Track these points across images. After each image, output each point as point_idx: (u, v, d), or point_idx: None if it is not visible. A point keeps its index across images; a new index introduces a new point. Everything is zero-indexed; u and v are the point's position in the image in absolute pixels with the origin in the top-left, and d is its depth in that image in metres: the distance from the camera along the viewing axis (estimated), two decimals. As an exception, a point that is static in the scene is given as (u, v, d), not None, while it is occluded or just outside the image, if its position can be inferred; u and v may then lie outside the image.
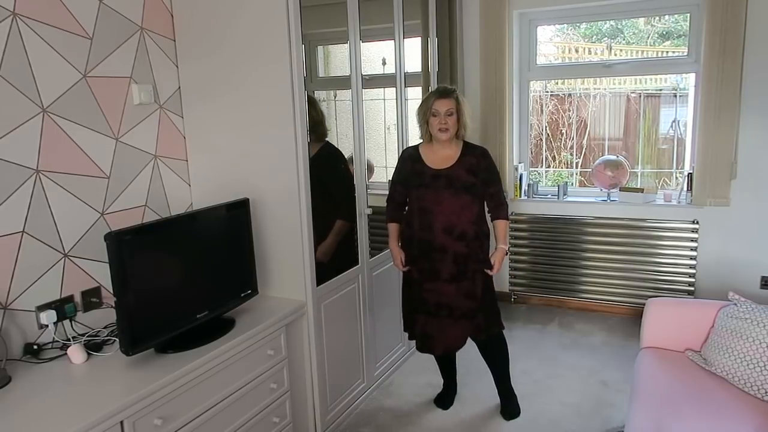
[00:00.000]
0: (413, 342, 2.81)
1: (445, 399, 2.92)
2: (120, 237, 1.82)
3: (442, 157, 2.60)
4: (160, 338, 1.97)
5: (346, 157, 2.82)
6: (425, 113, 2.58)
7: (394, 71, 3.17)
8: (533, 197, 4.18)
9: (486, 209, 2.66)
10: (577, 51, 4.37)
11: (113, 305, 1.97)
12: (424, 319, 2.66)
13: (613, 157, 4.00)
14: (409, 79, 3.29)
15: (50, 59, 2.06)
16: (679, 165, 4.02)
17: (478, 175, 2.58)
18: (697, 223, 3.68)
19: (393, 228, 2.75)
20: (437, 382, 2.98)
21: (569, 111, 4.33)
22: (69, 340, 2.05)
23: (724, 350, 2.22)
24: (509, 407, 2.82)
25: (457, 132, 2.58)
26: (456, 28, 3.92)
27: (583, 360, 3.36)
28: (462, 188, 2.55)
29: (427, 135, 2.62)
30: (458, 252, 2.56)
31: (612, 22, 4.07)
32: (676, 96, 4.00)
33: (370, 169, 3.01)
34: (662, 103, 4.08)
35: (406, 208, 2.70)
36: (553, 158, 4.47)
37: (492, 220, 2.66)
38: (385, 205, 2.78)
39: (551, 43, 4.36)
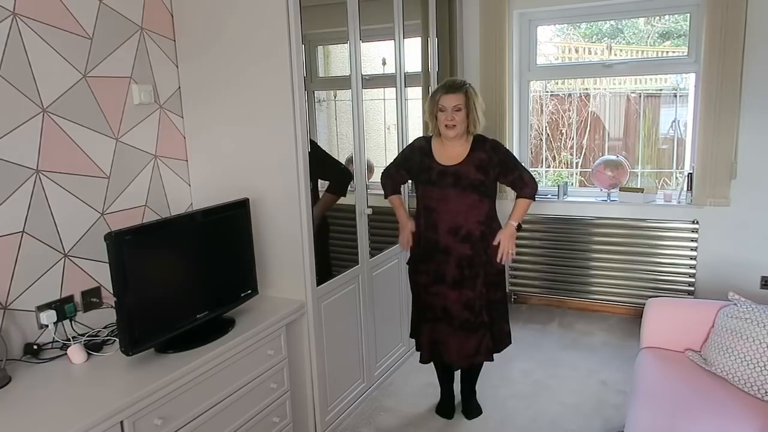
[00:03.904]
0: (414, 343, 2.79)
1: (447, 408, 2.82)
2: (120, 237, 1.82)
3: (451, 153, 2.48)
4: (160, 338, 1.97)
5: (345, 156, 2.82)
6: (432, 108, 2.46)
7: (394, 71, 3.17)
8: (533, 197, 4.18)
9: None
10: (577, 51, 4.37)
11: (113, 305, 1.97)
12: (430, 327, 2.60)
13: (613, 157, 4.00)
14: (409, 79, 3.29)
15: (50, 59, 2.06)
16: (679, 165, 4.02)
17: (490, 172, 2.46)
18: (697, 223, 3.68)
19: (397, 199, 2.67)
20: (437, 382, 2.97)
21: (569, 111, 4.32)
22: (69, 340, 2.05)
23: (724, 350, 2.22)
24: (472, 407, 2.81)
25: (468, 128, 2.45)
26: (456, 28, 3.92)
27: (583, 360, 3.36)
28: (469, 187, 2.43)
29: (436, 130, 2.50)
30: (462, 254, 2.48)
31: (612, 22, 4.07)
32: (676, 96, 4.00)
33: (370, 169, 3.01)
34: (662, 103, 4.08)
35: (414, 204, 2.63)
36: (553, 158, 4.47)
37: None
38: (384, 204, 2.76)
39: (551, 43, 4.35)
